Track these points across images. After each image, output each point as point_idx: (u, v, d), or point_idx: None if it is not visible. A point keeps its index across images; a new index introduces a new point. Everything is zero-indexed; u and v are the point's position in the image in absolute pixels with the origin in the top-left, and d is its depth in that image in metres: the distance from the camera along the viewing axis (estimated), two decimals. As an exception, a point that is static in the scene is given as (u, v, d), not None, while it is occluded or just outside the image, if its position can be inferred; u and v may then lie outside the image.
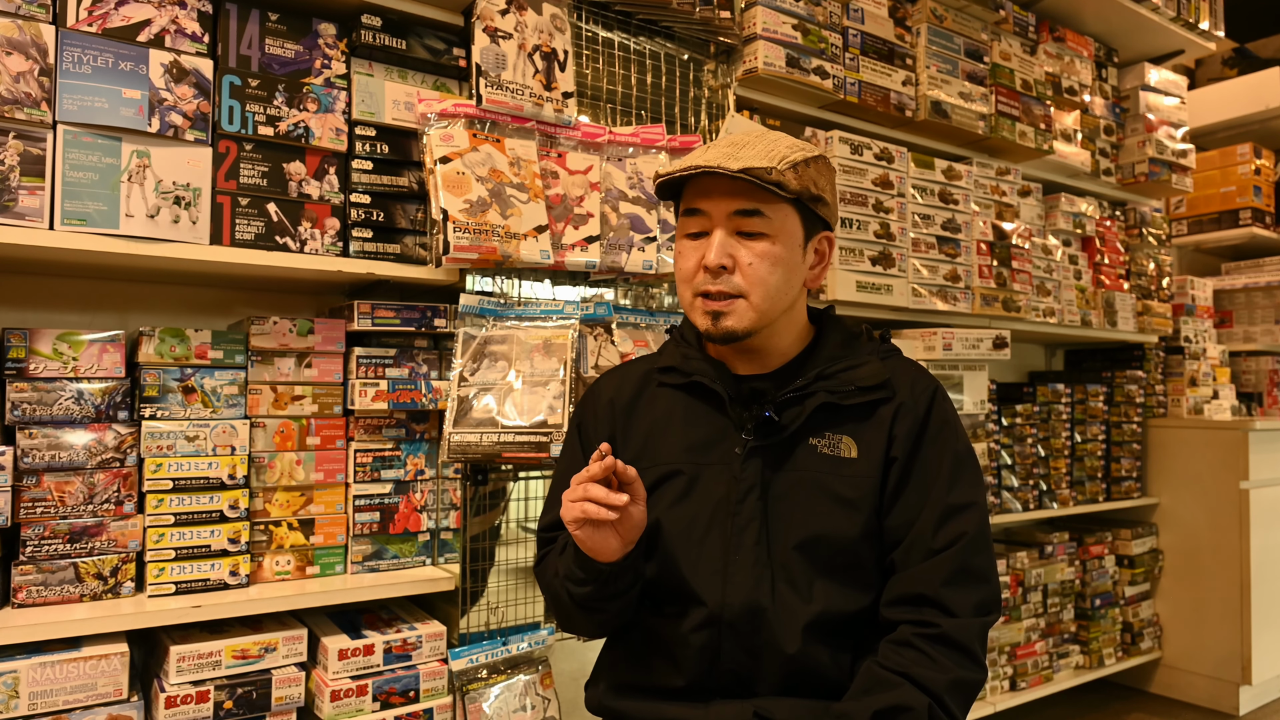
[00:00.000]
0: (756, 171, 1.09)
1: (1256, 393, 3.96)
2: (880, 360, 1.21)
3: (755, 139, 1.16)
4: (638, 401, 1.29)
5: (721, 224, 1.15)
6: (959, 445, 1.19)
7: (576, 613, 1.21)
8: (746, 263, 1.14)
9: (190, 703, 1.44)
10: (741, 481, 1.17)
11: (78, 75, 1.45)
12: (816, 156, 1.17)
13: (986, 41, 2.76)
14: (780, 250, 1.14)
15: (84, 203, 1.45)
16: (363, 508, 1.74)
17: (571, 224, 1.84)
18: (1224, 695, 3.17)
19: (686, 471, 1.20)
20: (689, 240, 1.19)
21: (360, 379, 1.72)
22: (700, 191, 1.16)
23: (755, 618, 1.13)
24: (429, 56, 1.79)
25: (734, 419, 1.20)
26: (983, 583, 1.13)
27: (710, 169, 1.11)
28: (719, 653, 1.15)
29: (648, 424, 1.26)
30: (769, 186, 1.10)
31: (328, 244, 1.69)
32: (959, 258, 2.63)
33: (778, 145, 1.14)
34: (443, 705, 1.65)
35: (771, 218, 1.14)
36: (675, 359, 1.27)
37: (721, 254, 1.13)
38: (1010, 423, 2.93)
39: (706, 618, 1.15)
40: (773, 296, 1.15)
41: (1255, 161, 3.83)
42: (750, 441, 1.17)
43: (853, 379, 1.18)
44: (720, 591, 1.14)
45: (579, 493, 1.07)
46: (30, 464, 1.45)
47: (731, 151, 1.13)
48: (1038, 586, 3.00)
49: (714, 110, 2.21)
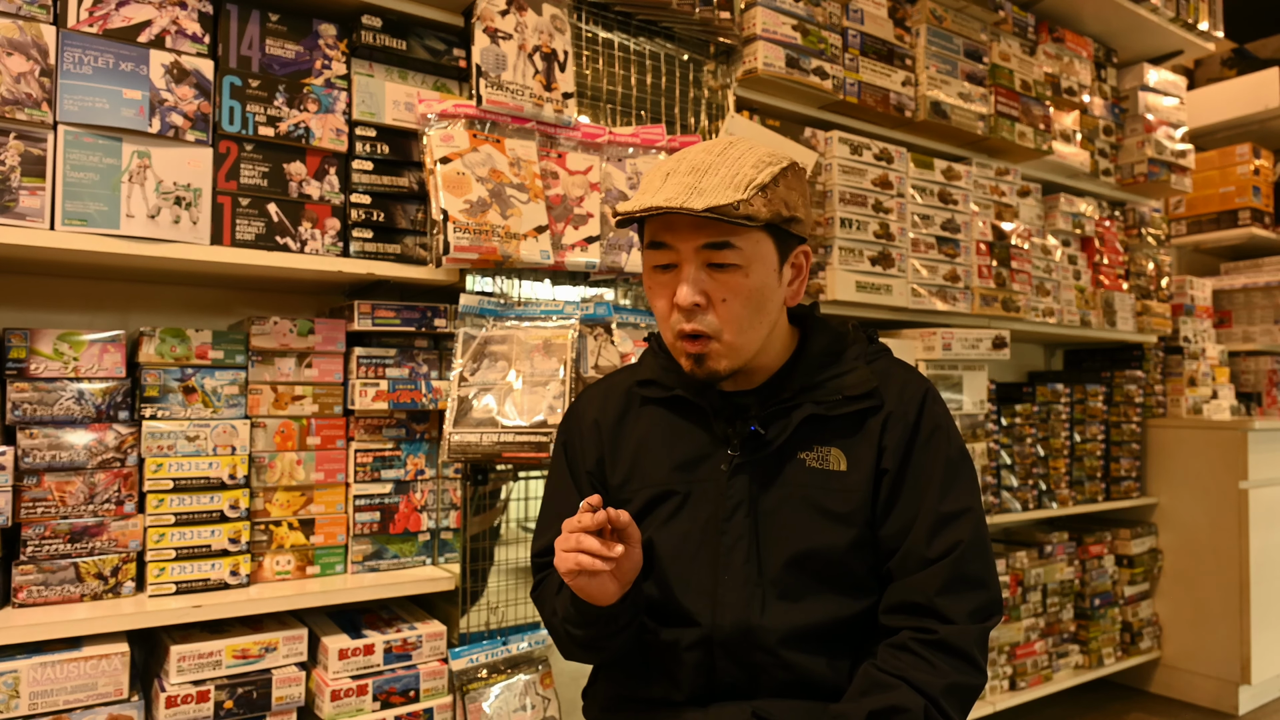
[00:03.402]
0: (723, 209, 1.03)
1: (1255, 393, 3.96)
2: (868, 364, 1.18)
3: (717, 161, 1.08)
4: (624, 420, 1.25)
5: (690, 259, 1.08)
6: (951, 450, 1.15)
7: (578, 650, 1.21)
8: (720, 299, 1.08)
9: (191, 702, 1.45)
10: (729, 499, 1.14)
11: (78, 76, 1.46)
12: (784, 169, 1.10)
13: (986, 42, 2.76)
14: (754, 281, 1.09)
15: (85, 203, 1.46)
16: (363, 508, 1.74)
17: (571, 224, 1.85)
18: (1224, 695, 3.17)
19: (678, 490, 1.17)
20: (659, 274, 1.13)
21: (360, 379, 1.72)
22: (664, 225, 1.09)
23: (747, 636, 1.12)
24: (429, 57, 1.80)
25: (719, 435, 1.17)
26: (980, 589, 1.11)
27: (673, 210, 1.03)
28: (713, 669, 1.15)
29: (634, 443, 1.23)
30: (738, 221, 1.04)
31: (328, 244, 1.69)
32: (958, 258, 2.64)
33: (741, 167, 1.07)
34: (443, 705, 1.65)
35: (743, 247, 1.08)
36: (654, 371, 1.23)
37: (694, 293, 1.07)
38: (1010, 423, 2.93)
39: (699, 638, 1.14)
40: (750, 331, 1.11)
41: (1254, 162, 3.84)
42: (736, 458, 1.14)
43: (840, 388, 1.14)
44: (710, 612, 1.13)
45: (572, 543, 1.04)
46: (31, 464, 1.45)
47: (693, 182, 1.05)
48: (1037, 586, 3.00)
49: (714, 110, 2.21)
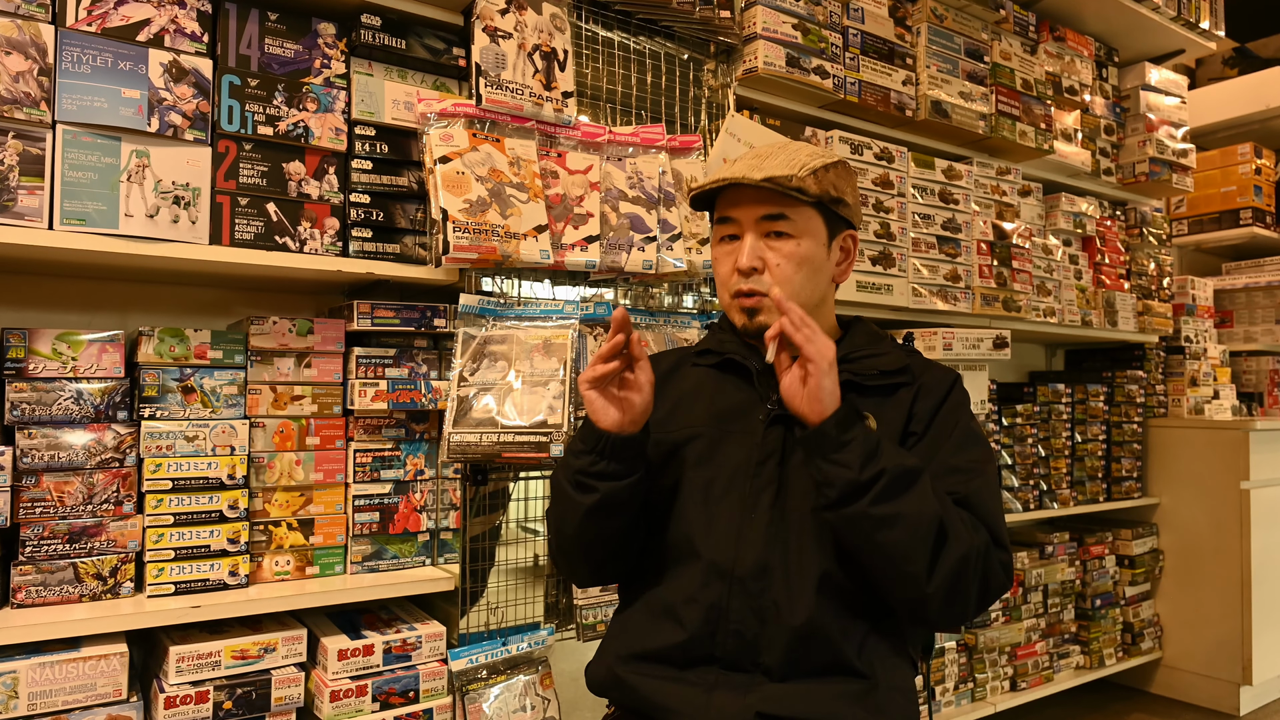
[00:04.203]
0: (778, 180, 1.19)
1: (1257, 393, 3.96)
2: (904, 353, 1.31)
3: (778, 149, 1.26)
4: (671, 376, 1.36)
5: (750, 229, 1.24)
6: (972, 423, 1.26)
7: (571, 499, 1.20)
8: (775, 263, 1.23)
9: (190, 703, 1.44)
10: (763, 447, 1.22)
11: (77, 75, 1.45)
12: (836, 163, 1.26)
13: (987, 41, 2.76)
14: (805, 249, 1.24)
15: (83, 202, 1.45)
16: (362, 508, 1.73)
17: (571, 224, 1.84)
18: (1224, 695, 3.16)
19: (710, 435, 1.27)
20: (724, 245, 1.29)
21: (360, 379, 1.71)
22: (730, 202, 1.27)
23: (764, 575, 1.16)
24: (429, 56, 1.79)
25: (760, 391, 1.26)
26: (992, 526, 1.17)
27: (736, 181, 1.21)
28: (727, 612, 1.16)
29: (676, 395, 1.34)
30: (791, 192, 1.20)
31: (327, 244, 1.68)
32: (959, 257, 2.63)
33: (799, 154, 1.24)
34: (442, 705, 1.65)
35: (795, 220, 1.23)
36: (711, 342, 1.37)
37: (752, 257, 1.23)
38: (1010, 423, 2.92)
39: (717, 573, 1.17)
40: (798, 291, 1.24)
41: (1256, 161, 3.83)
42: (775, 410, 1.23)
43: (875, 365, 1.27)
44: (733, 548, 1.18)
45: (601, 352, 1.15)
46: (29, 464, 1.45)
47: (756, 163, 1.23)
48: (1038, 587, 2.99)
49: (714, 110, 2.20)
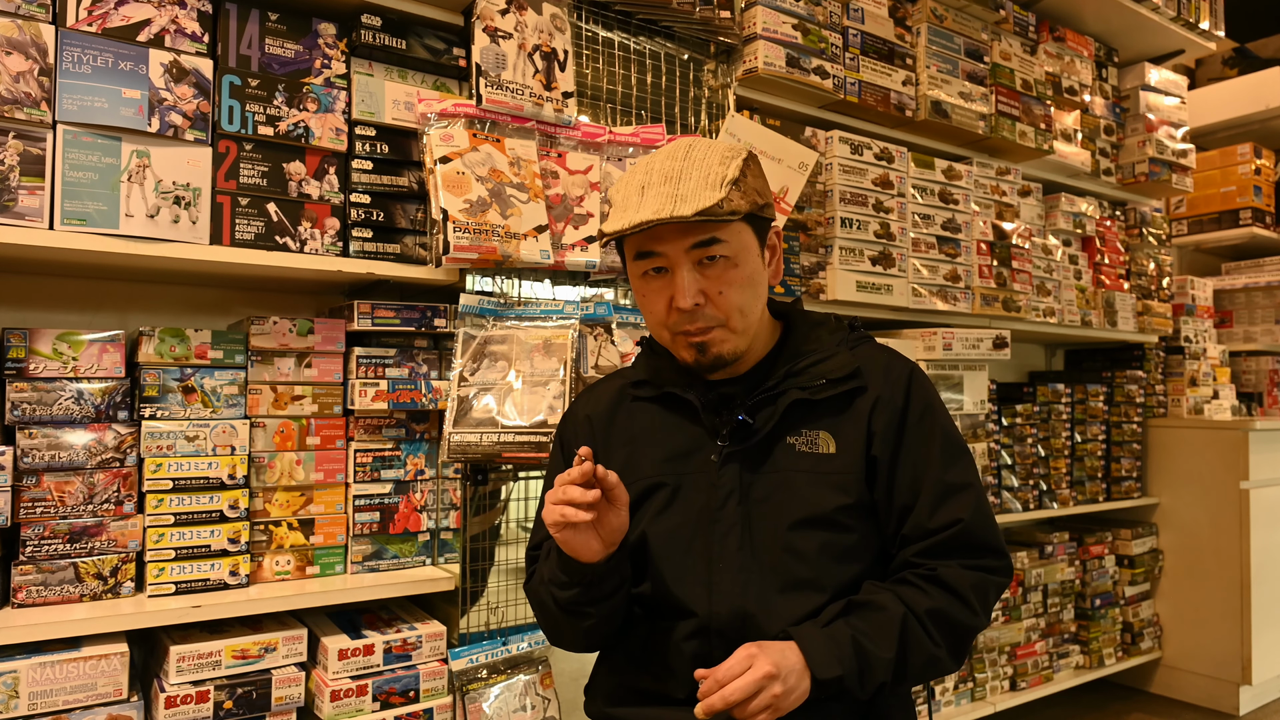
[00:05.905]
0: (710, 211, 1.07)
1: (1256, 393, 3.96)
2: (850, 350, 1.21)
3: (684, 166, 1.11)
4: (615, 416, 1.28)
5: (682, 260, 1.12)
6: (946, 424, 1.19)
7: (563, 620, 1.20)
8: (717, 292, 1.13)
9: (190, 703, 1.44)
10: (720, 488, 1.16)
11: (77, 75, 1.45)
12: (745, 159, 1.14)
13: (986, 41, 2.76)
14: (744, 270, 1.14)
15: (84, 202, 1.45)
16: (363, 508, 1.73)
17: (571, 224, 1.84)
18: (1224, 695, 3.17)
19: (669, 483, 1.20)
20: (651, 280, 1.16)
21: (360, 379, 1.72)
22: (651, 236, 1.13)
23: (744, 624, 1.12)
24: (429, 56, 1.79)
25: (708, 427, 1.19)
26: (989, 554, 1.14)
27: (664, 221, 1.07)
28: (711, 659, 1.14)
29: (627, 439, 1.26)
30: (724, 218, 1.08)
31: (328, 244, 1.68)
32: (959, 258, 2.63)
33: (710, 166, 1.11)
34: (443, 705, 1.65)
35: (729, 240, 1.12)
36: (647, 371, 1.27)
37: (693, 293, 1.12)
38: (1010, 423, 2.92)
39: (696, 628, 1.15)
40: (749, 315, 1.16)
41: (1255, 161, 3.83)
42: (726, 447, 1.17)
43: (822, 372, 1.17)
44: (707, 601, 1.14)
45: (559, 495, 1.07)
46: (30, 464, 1.45)
47: (671, 191, 1.09)
48: (1038, 586, 3.00)
49: (714, 110, 2.21)
